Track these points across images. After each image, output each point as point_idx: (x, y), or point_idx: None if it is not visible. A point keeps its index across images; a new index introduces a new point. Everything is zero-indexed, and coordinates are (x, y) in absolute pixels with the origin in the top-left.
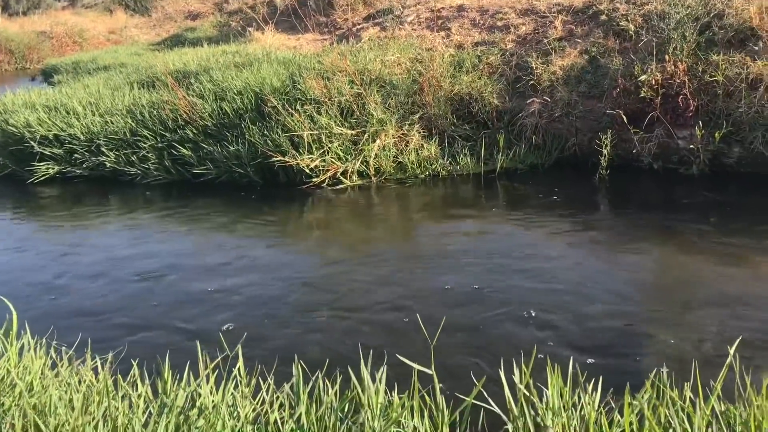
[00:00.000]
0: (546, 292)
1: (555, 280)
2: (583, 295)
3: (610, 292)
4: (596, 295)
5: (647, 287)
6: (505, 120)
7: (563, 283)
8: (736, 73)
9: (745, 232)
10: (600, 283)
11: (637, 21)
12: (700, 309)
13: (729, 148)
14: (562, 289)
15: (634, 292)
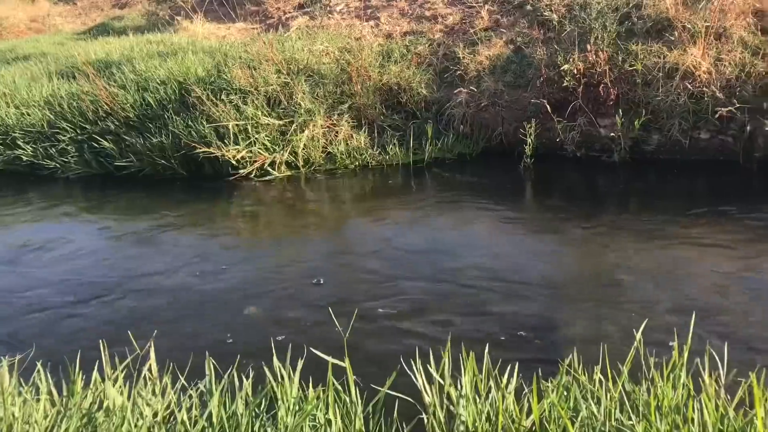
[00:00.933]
0: (466, 280)
1: (479, 267)
2: (505, 281)
3: (532, 278)
4: (518, 282)
5: (570, 272)
6: (434, 110)
7: (487, 271)
8: (654, 63)
9: (664, 216)
10: (523, 269)
11: (560, 11)
12: (619, 292)
13: (648, 135)
14: (485, 277)
15: (557, 277)
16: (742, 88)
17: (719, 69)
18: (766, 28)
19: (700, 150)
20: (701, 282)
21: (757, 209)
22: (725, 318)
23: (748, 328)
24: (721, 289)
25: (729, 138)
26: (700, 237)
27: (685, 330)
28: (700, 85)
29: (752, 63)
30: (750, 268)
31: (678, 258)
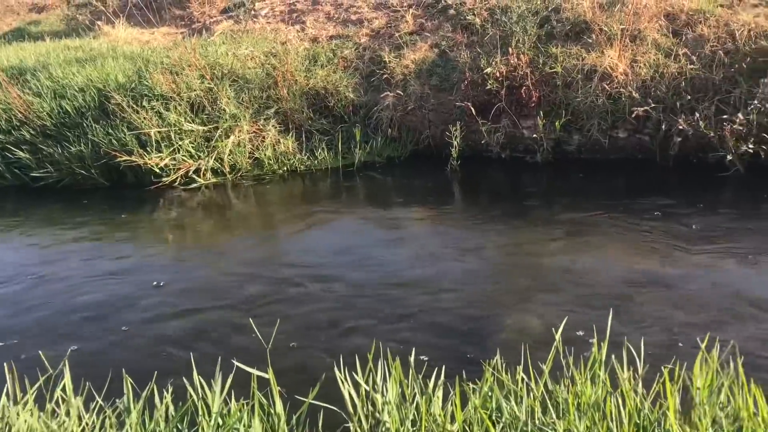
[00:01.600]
0: (395, 284)
1: (408, 270)
2: (433, 283)
3: (460, 279)
4: (446, 283)
5: (496, 272)
6: (362, 114)
7: (415, 274)
8: (573, 65)
9: (585, 214)
10: (450, 270)
11: (482, 15)
12: (543, 290)
13: (569, 136)
14: (413, 280)
15: (484, 277)
16: (657, 88)
17: (635, 70)
18: (677, 30)
19: (619, 149)
20: (621, 277)
21: (674, 205)
22: (643, 312)
23: (664, 321)
24: (640, 283)
25: (646, 137)
26: (620, 233)
27: (606, 326)
28: (617, 86)
29: (665, 64)
30: (667, 263)
31: (599, 254)
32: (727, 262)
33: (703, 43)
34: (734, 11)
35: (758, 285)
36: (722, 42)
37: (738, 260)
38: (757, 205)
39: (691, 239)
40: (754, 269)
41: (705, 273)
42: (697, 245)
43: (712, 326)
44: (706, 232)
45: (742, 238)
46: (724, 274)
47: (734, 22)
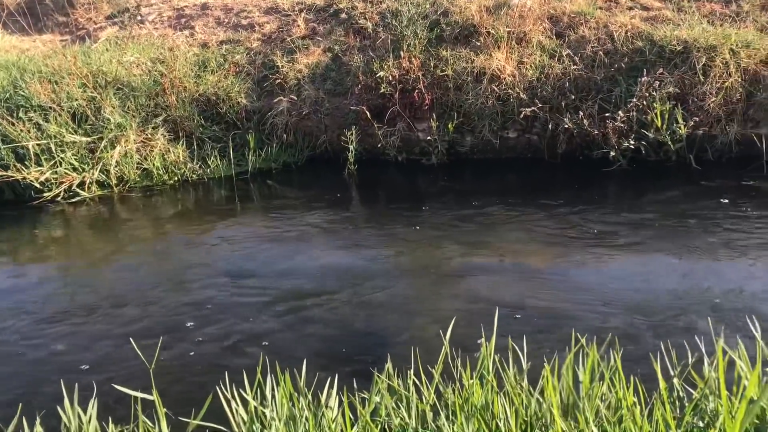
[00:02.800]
0: (288, 294)
1: (302, 279)
2: (327, 291)
3: (354, 285)
4: (340, 290)
5: (393, 275)
6: (255, 119)
7: (310, 282)
8: (463, 68)
9: (479, 214)
10: (345, 277)
11: (374, 19)
12: (439, 292)
13: (462, 137)
14: (308, 289)
15: (380, 281)
16: (543, 89)
17: (522, 71)
18: (560, 32)
19: (510, 148)
20: (516, 274)
21: (562, 201)
22: (537, 308)
23: (552, 314)
24: (536, 280)
25: (534, 136)
26: (514, 231)
27: (498, 325)
28: (506, 88)
29: (550, 65)
30: (559, 258)
31: (494, 253)
32: (615, 254)
33: (585, 44)
34: (612, 13)
35: (643, 276)
36: (602, 43)
37: (625, 251)
38: (640, 198)
39: (581, 234)
40: (640, 260)
41: (596, 266)
42: (587, 239)
43: (601, 318)
44: (594, 226)
45: (627, 231)
46: (613, 267)
47: (612, 23)
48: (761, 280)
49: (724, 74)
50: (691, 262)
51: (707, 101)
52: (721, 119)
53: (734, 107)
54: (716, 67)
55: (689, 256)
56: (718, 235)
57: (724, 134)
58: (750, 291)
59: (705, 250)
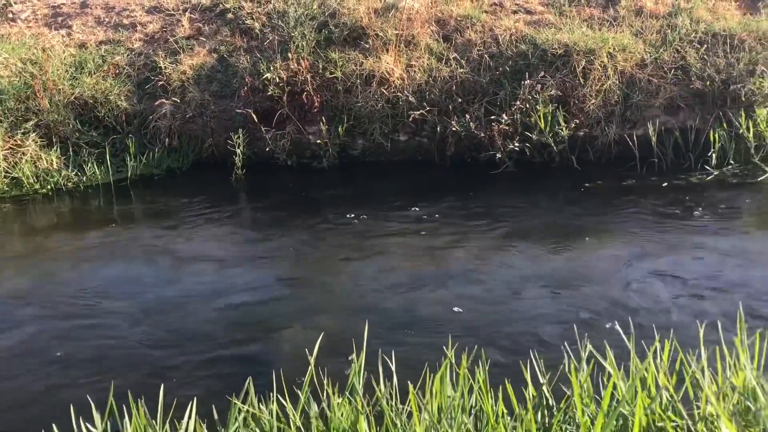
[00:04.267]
0: (162, 309)
1: (176, 293)
2: (203, 304)
3: (233, 297)
4: (219, 304)
5: (277, 286)
6: (136, 123)
7: (184, 295)
8: (353, 70)
9: (370, 218)
10: (224, 290)
11: (261, 19)
12: (321, 303)
13: (353, 140)
14: (180, 303)
15: (262, 293)
16: (431, 92)
17: (410, 74)
18: (447, 35)
19: (401, 151)
20: (400, 281)
21: (451, 204)
22: (417, 317)
23: (439, 325)
24: (421, 285)
25: (424, 139)
26: (403, 234)
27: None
28: (395, 91)
29: (438, 68)
30: (446, 262)
31: (383, 259)
32: (503, 256)
33: (471, 47)
34: (497, 17)
35: (528, 278)
36: (488, 46)
37: (511, 253)
38: (526, 199)
39: (468, 236)
40: (530, 263)
41: (480, 271)
42: (475, 242)
43: (484, 328)
44: (482, 228)
45: (514, 233)
46: (502, 271)
47: (497, 27)
48: (637, 273)
49: (603, 77)
50: (572, 262)
51: (587, 103)
52: (600, 121)
53: (613, 109)
54: (595, 70)
55: (569, 255)
56: (598, 233)
57: (604, 135)
58: (631, 286)
59: (586, 248)
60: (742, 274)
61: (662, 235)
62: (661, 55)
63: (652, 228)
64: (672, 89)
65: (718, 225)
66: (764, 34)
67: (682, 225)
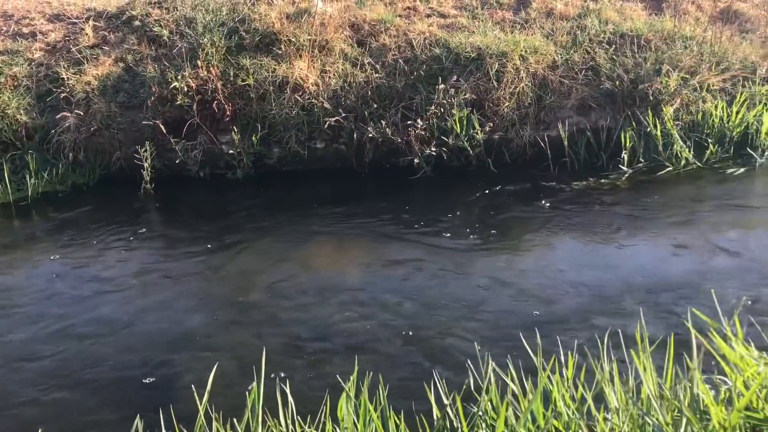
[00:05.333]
0: (63, 334)
1: (71, 318)
2: (112, 325)
3: (137, 319)
4: (131, 324)
5: (183, 306)
6: (37, 138)
7: (88, 317)
8: (265, 77)
9: (288, 229)
10: (124, 311)
11: (170, 26)
12: (233, 322)
13: (269, 149)
14: (84, 325)
15: (168, 314)
16: (347, 98)
17: (325, 80)
18: (362, 39)
19: (319, 159)
20: (314, 294)
21: (370, 210)
22: (307, 335)
23: (329, 344)
24: (331, 299)
25: (342, 146)
26: (321, 244)
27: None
28: (310, 97)
29: (353, 73)
30: (361, 271)
31: (298, 270)
32: (419, 264)
33: (386, 52)
34: (411, 21)
35: (439, 283)
36: (402, 51)
37: (429, 260)
38: (443, 204)
39: (387, 244)
40: (449, 268)
41: (400, 277)
42: (392, 251)
43: (395, 341)
44: (400, 235)
45: (432, 238)
46: (423, 276)
47: (411, 31)
48: (552, 274)
49: (516, 79)
50: (489, 267)
51: (502, 106)
52: (515, 123)
53: (526, 111)
54: (508, 73)
55: (488, 260)
56: (512, 236)
57: (519, 137)
58: (547, 291)
59: (506, 253)
60: (653, 270)
61: (577, 234)
62: (572, 57)
63: (566, 228)
64: (583, 90)
65: (628, 222)
66: (668, 34)
67: (594, 223)
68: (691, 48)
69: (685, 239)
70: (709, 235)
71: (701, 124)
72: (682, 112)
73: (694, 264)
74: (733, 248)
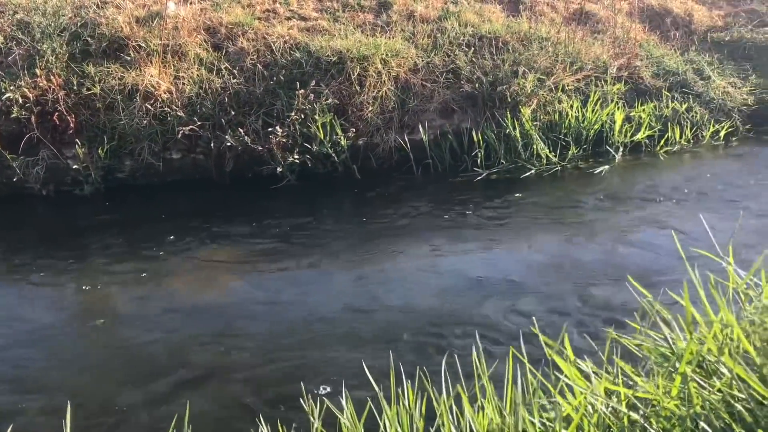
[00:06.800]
0: None
1: None
2: None
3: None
4: None
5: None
6: None
7: None
8: (113, 85)
9: (139, 243)
10: None
11: (6, 32)
12: (89, 355)
13: (120, 162)
14: None
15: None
16: (203, 105)
17: (179, 87)
18: (218, 44)
19: (176, 170)
20: (173, 322)
21: (231, 223)
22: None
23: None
24: (204, 317)
25: (200, 156)
26: (179, 262)
27: None
28: (163, 105)
29: (209, 79)
30: (221, 290)
31: (160, 290)
32: (282, 276)
33: (244, 56)
34: (271, 24)
35: (316, 295)
36: (262, 55)
37: (294, 273)
38: (308, 212)
39: (247, 258)
40: (316, 281)
41: (261, 292)
42: (253, 265)
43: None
44: (260, 249)
45: (300, 249)
46: (279, 288)
47: (271, 34)
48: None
49: (378, 83)
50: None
51: (365, 111)
52: (379, 128)
53: (390, 115)
54: (370, 77)
55: (358, 270)
56: (377, 243)
57: (384, 142)
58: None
59: (378, 261)
60: (506, 272)
61: (442, 236)
62: (433, 60)
63: (431, 230)
64: (445, 93)
65: (486, 222)
66: (525, 35)
67: (456, 225)
68: (546, 49)
69: (537, 240)
70: (556, 236)
71: (558, 123)
72: (539, 112)
73: (545, 268)
74: (576, 251)
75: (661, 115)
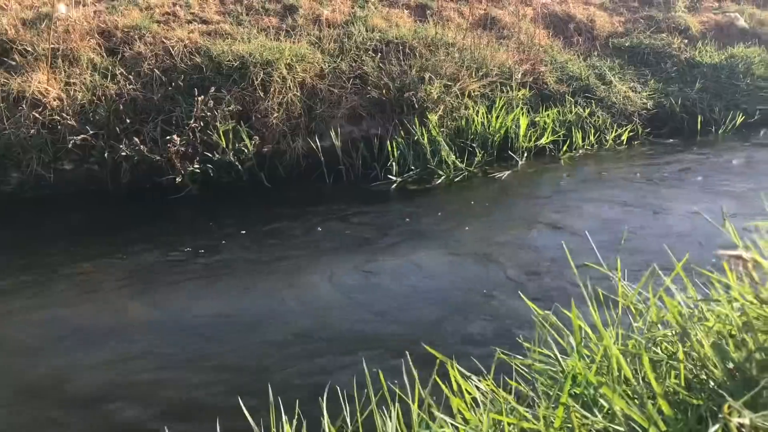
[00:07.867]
0: None
1: None
2: None
3: None
4: None
5: None
6: None
7: None
8: None
9: (25, 260)
10: None
11: None
12: None
13: (6, 174)
14: None
15: None
16: (96, 113)
17: (71, 94)
18: (113, 48)
19: (69, 182)
20: (74, 349)
21: (124, 237)
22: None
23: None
24: (94, 340)
25: (95, 166)
26: (65, 283)
27: None
28: (52, 113)
29: (103, 86)
30: (110, 312)
31: (44, 313)
32: (174, 290)
33: (141, 61)
34: (170, 27)
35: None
36: (160, 60)
37: (192, 291)
38: (213, 222)
39: (141, 275)
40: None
41: (177, 311)
42: (143, 283)
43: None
44: (160, 260)
45: (198, 265)
46: (190, 307)
47: (170, 38)
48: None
49: (284, 89)
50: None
51: (270, 117)
52: (286, 134)
53: (297, 122)
54: (275, 83)
55: (267, 285)
56: (280, 254)
57: (291, 149)
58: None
59: (268, 272)
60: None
61: (354, 247)
62: (340, 65)
63: (338, 240)
64: (353, 98)
65: (395, 230)
66: (432, 41)
67: (362, 235)
68: (452, 55)
69: (440, 247)
70: (460, 243)
71: (465, 129)
72: (446, 118)
73: (451, 277)
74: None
75: (564, 120)
